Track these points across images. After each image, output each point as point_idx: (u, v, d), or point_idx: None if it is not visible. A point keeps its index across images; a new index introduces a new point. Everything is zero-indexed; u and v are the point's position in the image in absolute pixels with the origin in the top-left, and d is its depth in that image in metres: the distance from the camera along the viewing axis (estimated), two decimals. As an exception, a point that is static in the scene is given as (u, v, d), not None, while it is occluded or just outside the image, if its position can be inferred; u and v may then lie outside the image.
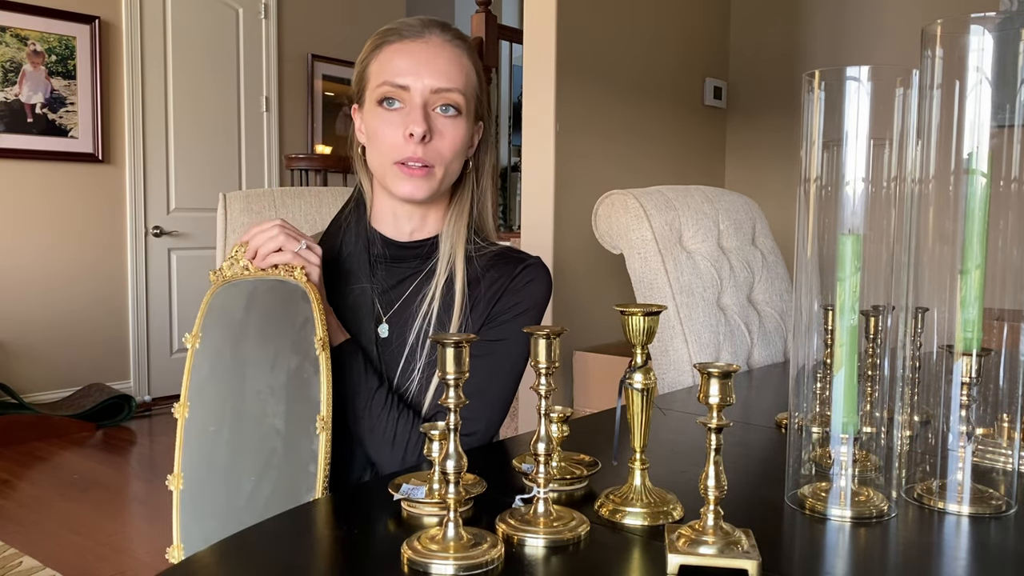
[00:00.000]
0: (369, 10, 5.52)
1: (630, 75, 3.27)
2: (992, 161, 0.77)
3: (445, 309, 1.08)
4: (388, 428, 1.02)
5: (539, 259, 1.15)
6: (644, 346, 0.75)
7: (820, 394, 0.82)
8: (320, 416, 0.91)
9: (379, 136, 1.06)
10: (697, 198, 1.76)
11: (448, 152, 1.06)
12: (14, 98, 4.13)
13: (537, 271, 1.12)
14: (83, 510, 3.03)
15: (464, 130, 1.08)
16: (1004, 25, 0.75)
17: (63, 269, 4.33)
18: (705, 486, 0.65)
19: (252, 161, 5.03)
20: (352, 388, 1.02)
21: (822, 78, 0.77)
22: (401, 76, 1.05)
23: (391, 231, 1.13)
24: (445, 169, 1.07)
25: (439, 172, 1.06)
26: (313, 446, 0.91)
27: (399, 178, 1.06)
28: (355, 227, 1.13)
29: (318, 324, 0.95)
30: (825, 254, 0.76)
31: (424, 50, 1.06)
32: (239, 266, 1.02)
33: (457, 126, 1.07)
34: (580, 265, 2.95)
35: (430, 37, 1.07)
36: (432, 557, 0.64)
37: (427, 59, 1.05)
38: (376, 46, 1.09)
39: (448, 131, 1.06)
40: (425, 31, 1.07)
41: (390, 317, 1.10)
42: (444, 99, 1.05)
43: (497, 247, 1.15)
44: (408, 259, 1.12)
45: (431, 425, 0.74)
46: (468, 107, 1.08)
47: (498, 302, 1.10)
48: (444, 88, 1.05)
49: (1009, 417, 0.84)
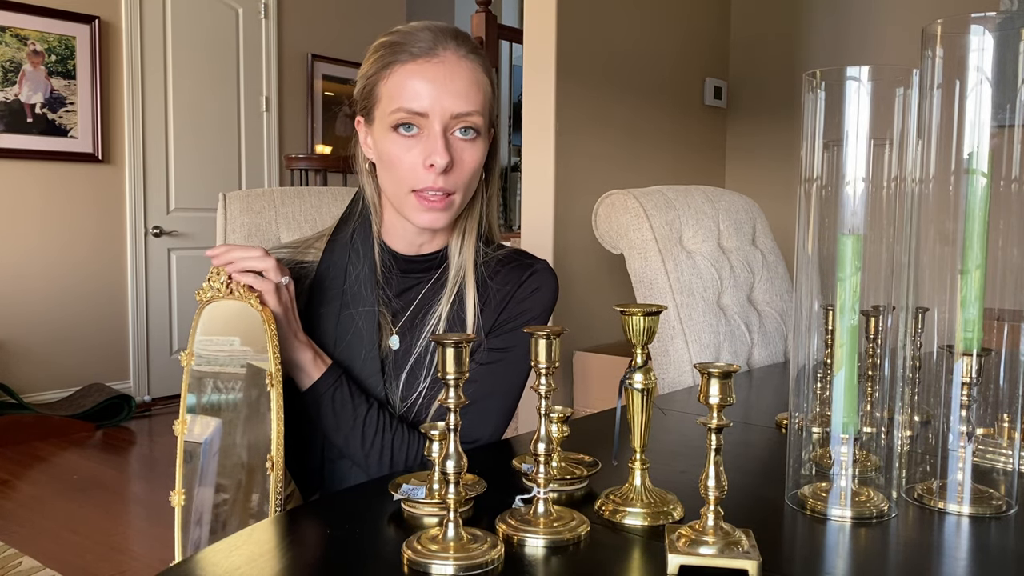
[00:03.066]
0: (369, 10, 5.52)
1: (630, 75, 3.26)
2: (992, 161, 0.77)
3: (457, 321, 1.07)
4: (384, 452, 1.00)
5: (545, 263, 1.13)
6: (644, 346, 0.75)
7: (820, 394, 0.82)
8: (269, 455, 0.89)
9: (395, 163, 1.01)
10: (697, 198, 1.76)
11: (468, 176, 1.02)
12: (14, 98, 4.13)
13: (543, 277, 1.11)
14: (83, 510, 3.03)
15: (482, 150, 1.03)
16: (1004, 25, 0.75)
17: (63, 269, 4.33)
18: (705, 486, 0.65)
19: (252, 161, 5.03)
20: (339, 419, 1.00)
21: (822, 78, 0.77)
22: (418, 101, 0.98)
23: (401, 245, 1.10)
24: (464, 193, 1.03)
25: (458, 199, 1.02)
26: (266, 484, 0.89)
27: (417, 209, 1.01)
28: (361, 246, 1.09)
29: (270, 358, 0.91)
30: (825, 254, 0.76)
31: (440, 71, 0.99)
32: (219, 282, 0.97)
33: (476, 148, 1.02)
34: (580, 265, 2.95)
35: (444, 55, 0.99)
36: (432, 557, 0.64)
37: (444, 81, 0.98)
38: (385, 64, 1.01)
39: (467, 155, 1.01)
40: (439, 48, 0.99)
41: (400, 328, 1.08)
42: (464, 123, 1.00)
43: (504, 250, 1.13)
44: (417, 271, 1.10)
45: (431, 425, 0.74)
46: (485, 124, 1.03)
47: (505, 309, 1.08)
48: (464, 112, 0.99)
49: (1009, 417, 0.84)
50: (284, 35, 5.15)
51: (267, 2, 5.03)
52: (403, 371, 1.07)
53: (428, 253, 1.10)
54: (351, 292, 1.07)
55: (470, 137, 1.00)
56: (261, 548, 0.71)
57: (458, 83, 0.99)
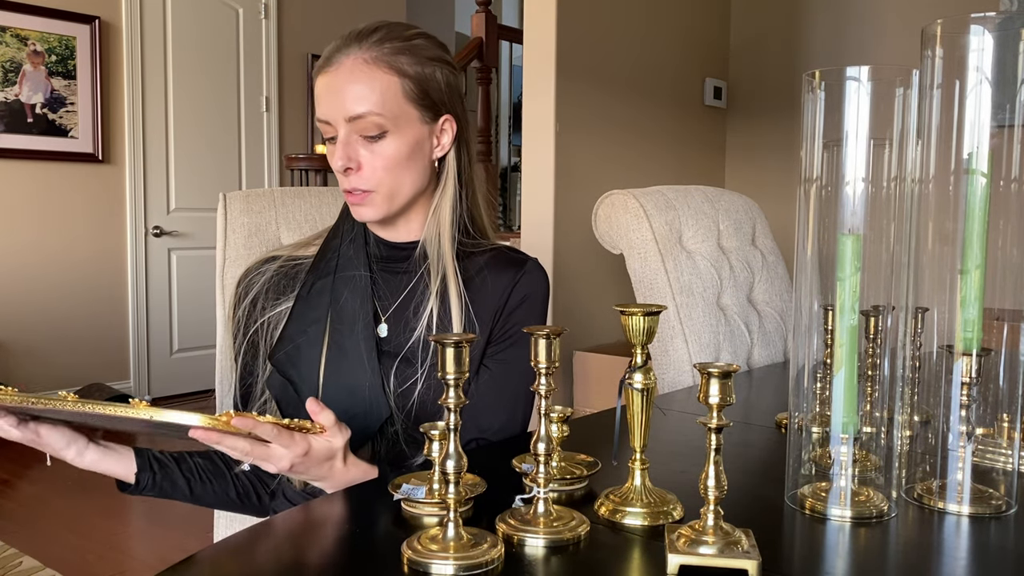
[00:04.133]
0: (369, 10, 5.52)
1: (630, 75, 3.26)
2: (992, 161, 0.77)
3: (444, 311, 1.08)
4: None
5: (535, 261, 1.14)
6: (644, 346, 0.75)
7: (820, 394, 0.82)
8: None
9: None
10: (697, 198, 1.76)
11: (383, 171, 1.05)
12: (14, 98, 4.13)
13: (532, 280, 1.11)
14: (83, 510, 3.03)
15: (396, 145, 1.05)
16: (1004, 25, 0.75)
17: (63, 269, 4.33)
18: (705, 486, 0.65)
19: (252, 161, 5.03)
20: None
21: (822, 78, 0.77)
22: (322, 111, 1.05)
23: (383, 232, 1.14)
24: (389, 188, 1.06)
25: (382, 192, 1.06)
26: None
27: (352, 206, 1.09)
28: (352, 245, 1.13)
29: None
30: (825, 254, 0.76)
31: (336, 78, 1.03)
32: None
33: (385, 146, 1.04)
34: (580, 265, 2.95)
35: (342, 60, 1.04)
36: (432, 557, 0.64)
37: (338, 88, 1.03)
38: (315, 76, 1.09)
39: (375, 153, 1.04)
40: (338, 55, 1.04)
41: (388, 317, 1.10)
42: (361, 127, 1.03)
43: (492, 247, 1.14)
44: (402, 259, 1.12)
45: (431, 425, 0.74)
46: (398, 120, 1.04)
47: (498, 322, 1.09)
48: (357, 115, 1.02)
49: (1009, 417, 0.84)
50: (284, 35, 5.15)
51: (267, 2, 5.03)
52: (392, 359, 1.07)
53: (406, 242, 1.13)
54: (342, 264, 1.11)
55: (373, 136, 1.04)
56: (261, 548, 0.71)
57: (351, 88, 1.03)
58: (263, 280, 1.14)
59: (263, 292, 1.13)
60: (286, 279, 1.13)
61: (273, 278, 1.14)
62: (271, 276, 1.14)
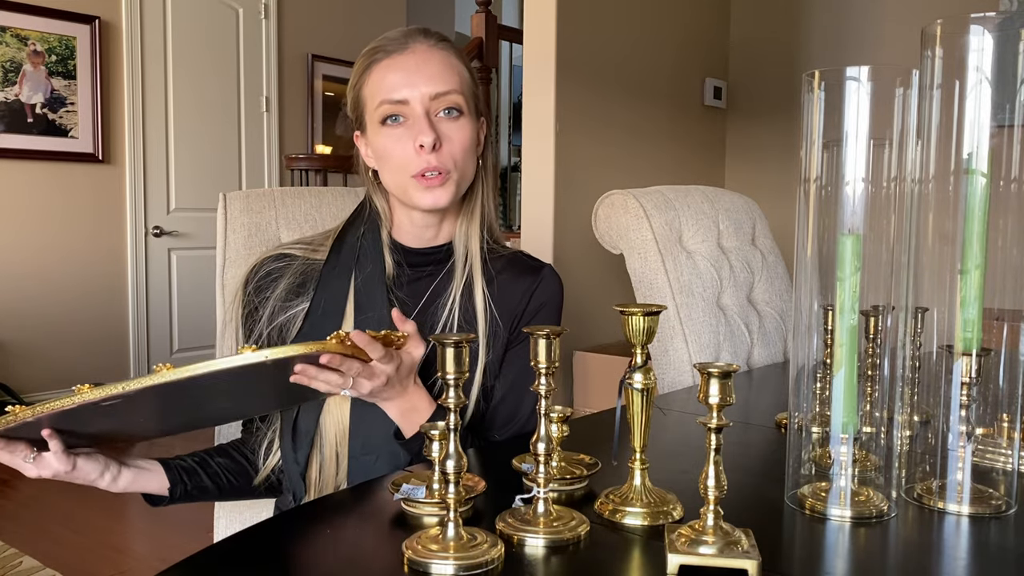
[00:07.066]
0: (369, 10, 5.52)
1: (630, 75, 3.26)
2: (992, 161, 0.77)
3: (468, 312, 1.08)
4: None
5: (550, 268, 1.16)
6: (644, 346, 0.75)
7: (820, 394, 0.82)
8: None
9: (390, 155, 1.06)
10: (697, 198, 1.76)
11: (460, 154, 1.07)
12: (14, 98, 4.13)
13: (549, 287, 1.14)
14: (83, 510, 3.03)
15: (470, 129, 1.08)
16: (1004, 25, 0.75)
17: (63, 269, 4.32)
18: (705, 486, 0.65)
19: (252, 161, 5.03)
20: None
21: (822, 78, 0.77)
22: (397, 91, 1.05)
23: (411, 240, 1.13)
24: (461, 172, 1.07)
25: (456, 176, 1.07)
26: None
27: (419, 191, 1.06)
28: (371, 249, 1.11)
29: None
30: (825, 254, 0.76)
31: (412, 60, 1.06)
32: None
33: (463, 127, 1.07)
34: (580, 265, 2.95)
35: (415, 46, 1.06)
36: (432, 557, 0.64)
37: (417, 67, 1.05)
38: (364, 68, 1.08)
39: (455, 133, 1.06)
40: (408, 41, 1.07)
41: (413, 317, 1.08)
42: (445, 103, 1.05)
43: (508, 251, 1.16)
44: (426, 264, 1.12)
45: (431, 425, 0.74)
46: (468, 106, 1.08)
47: (515, 326, 1.11)
48: (442, 92, 1.05)
49: (1009, 417, 0.84)
50: (284, 35, 5.15)
51: (267, 2, 5.03)
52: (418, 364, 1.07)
53: (437, 245, 1.13)
54: (359, 296, 1.08)
55: (454, 116, 1.06)
56: (261, 548, 0.71)
57: (431, 67, 1.06)
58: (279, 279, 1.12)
59: (277, 292, 1.11)
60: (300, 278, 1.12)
61: (288, 279, 1.11)
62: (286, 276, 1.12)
